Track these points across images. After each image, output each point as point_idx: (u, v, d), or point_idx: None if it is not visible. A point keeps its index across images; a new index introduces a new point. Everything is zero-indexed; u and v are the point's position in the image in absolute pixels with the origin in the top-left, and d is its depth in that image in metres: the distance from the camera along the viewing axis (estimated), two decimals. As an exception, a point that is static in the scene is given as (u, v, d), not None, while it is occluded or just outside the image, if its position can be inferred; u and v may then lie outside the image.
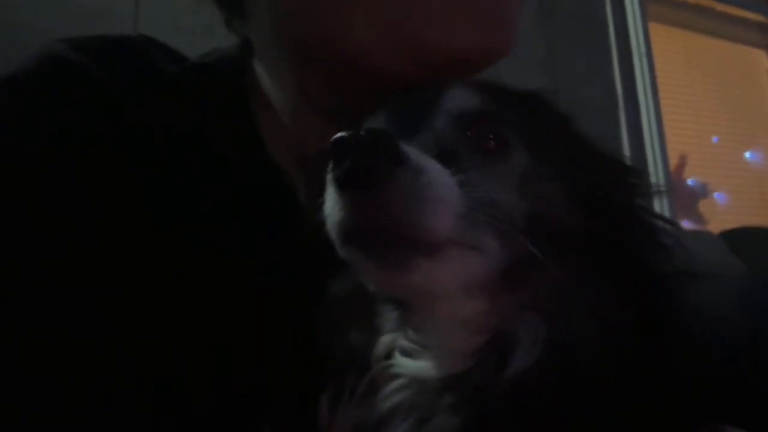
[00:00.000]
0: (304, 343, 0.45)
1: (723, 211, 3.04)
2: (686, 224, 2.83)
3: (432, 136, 0.43)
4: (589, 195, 0.42)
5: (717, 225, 2.87)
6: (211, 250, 0.50)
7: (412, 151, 0.38)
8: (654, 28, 2.49)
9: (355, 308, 0.45)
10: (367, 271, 0.41)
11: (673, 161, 2.58)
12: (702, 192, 2.95)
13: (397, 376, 0.41)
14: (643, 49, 2.29)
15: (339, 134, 0.36)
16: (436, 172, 0.38)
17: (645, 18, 2.36)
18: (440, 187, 0.38)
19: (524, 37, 0.53)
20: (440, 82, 0.47)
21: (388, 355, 0.42)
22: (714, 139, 3.13)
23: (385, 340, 0.43)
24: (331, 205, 0.38)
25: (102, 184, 0.48)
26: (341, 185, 0.37)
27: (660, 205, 2.15)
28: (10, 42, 1.31)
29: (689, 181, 2.95)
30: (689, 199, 2.88)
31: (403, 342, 0.42)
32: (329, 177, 0.38)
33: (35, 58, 0.53)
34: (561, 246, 0.40)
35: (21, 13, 1.39)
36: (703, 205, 2.95)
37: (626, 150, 2.18)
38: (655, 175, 2.18)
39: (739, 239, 0.73)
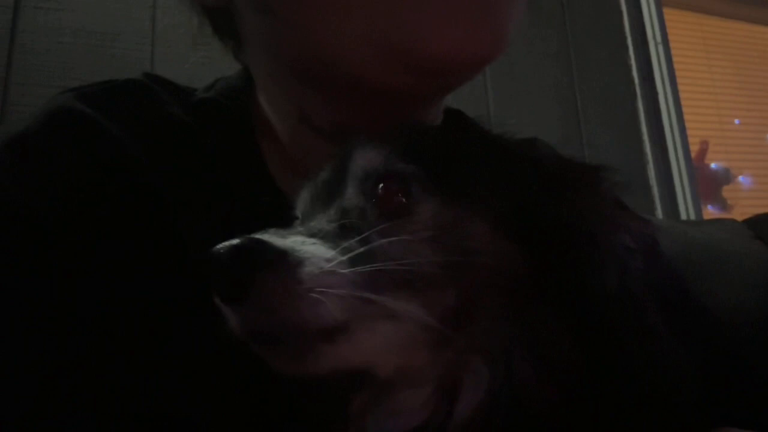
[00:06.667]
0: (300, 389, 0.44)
1: (748, 195, 3.00)
2: (711, 210, 2.80)
3: (342, 205, 0.44)
4: (526, 222, 0.41)
5: (743, 209, 2.83)
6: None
7: (292, 244, 0.38)
8: (669, 13, 2.47)
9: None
10: (277, 365, 0.40)
11: (695, 147, 2.55)
12: (725, 177, 2.92)
13: None
14: (659, 37, 2.26)
15: (213, 249, 0.37)
16: (316, 260, 0.38)
17: (659, 4, 2.34)
18: (318, 277, 0.38)
19: (537, 29, 0.53)
20: (386, 122, 0.47)
21: (363, 417, 0.42)
22: (736, 121, 3.09)
23: (357, 402, 0.43)
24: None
25: (115, 231, 0.50)
26: (221, 301, 0.38)
27: (683, 193, 2.13)
28: (48, 42, 1.39)
29: (712, 166, 2.92)
30: (713, 184, 2.85)
31: (369, 403, 0.42)
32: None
33: (43, 112, 0.54)
34: (493, 288, 0.40)
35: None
36: (727, 191, 2.91)
37: (646, 138, 2.16)
38: (677, 162, 2.16)
39: (764, 225, 0.73)
